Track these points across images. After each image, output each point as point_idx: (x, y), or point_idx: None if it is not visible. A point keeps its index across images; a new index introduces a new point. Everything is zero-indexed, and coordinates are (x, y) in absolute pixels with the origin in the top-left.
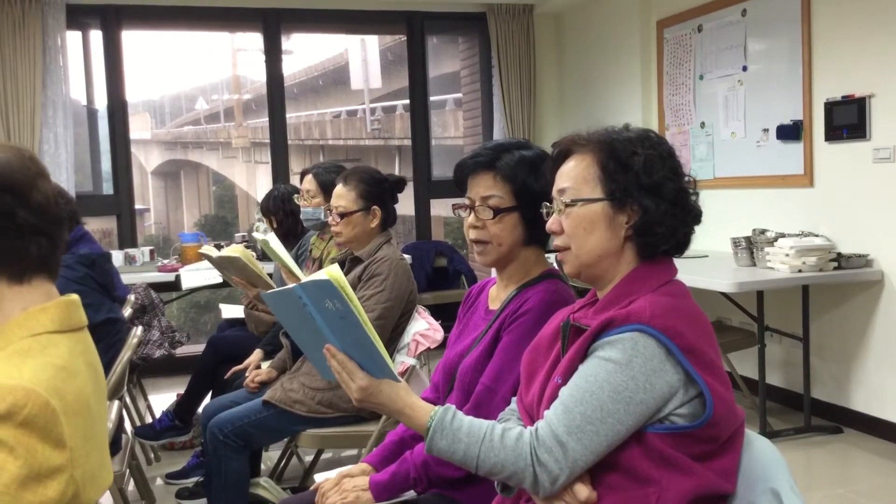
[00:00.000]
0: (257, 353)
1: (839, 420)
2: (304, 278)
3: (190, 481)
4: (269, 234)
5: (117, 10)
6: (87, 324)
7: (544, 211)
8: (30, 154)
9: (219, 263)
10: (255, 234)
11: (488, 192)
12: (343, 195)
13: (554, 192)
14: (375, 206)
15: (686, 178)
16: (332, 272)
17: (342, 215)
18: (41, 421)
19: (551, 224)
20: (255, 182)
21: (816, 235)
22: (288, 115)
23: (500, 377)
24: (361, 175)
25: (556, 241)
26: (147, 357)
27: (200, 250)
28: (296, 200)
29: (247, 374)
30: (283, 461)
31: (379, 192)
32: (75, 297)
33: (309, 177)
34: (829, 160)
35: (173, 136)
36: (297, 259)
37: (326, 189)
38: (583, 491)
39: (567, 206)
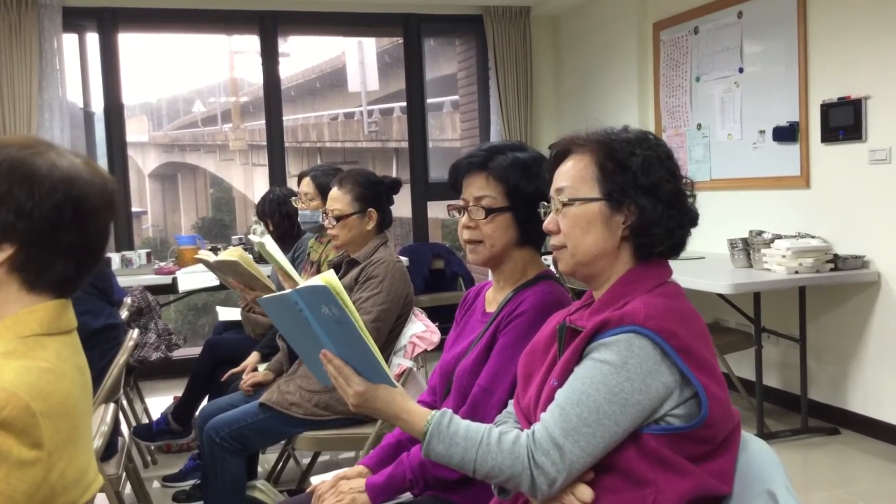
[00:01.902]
0: (254, 356)
1: (836, 421)
2: (301, 282)
3: (187, 484)
4: (266, 237)
5: (114, 13)
6: (86, 329)
7: (542, 210)
8: (113, 187)
9: (216, 268)
10: (251, 237)
11: (481, 192)
12: (338, 198)
13: (552, 192)
14: (371, 209)
15: (683, 181)
16: (329, 278)
17: (338, 218)
18: (20, 424)
19: (548, 223)
20: (253, 185)
21: (813, 237)
22: (285, 118)
23: (496, 379)
24: (356, 178)
25: (553, 241)
26: (143, 360)
27: (197, 255)
28: (294, 203)
29: (244, 377)
30: (280, 464)
31: (374, 194)
32: (65, 299)
33: (307, 180)
34: (826, 162)
35: (170, 139)
36: (293, 262)
37: (324, 192)
38: (585, 492)
39: (564, 205)
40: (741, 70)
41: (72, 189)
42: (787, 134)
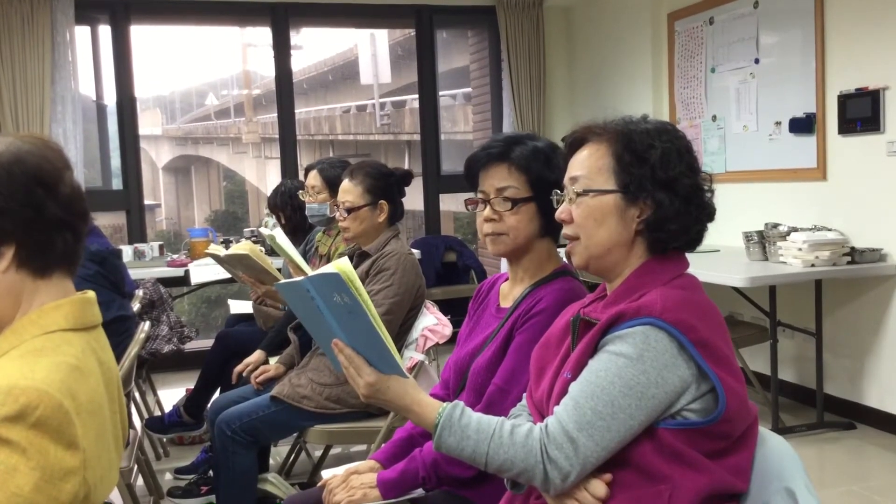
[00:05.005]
0: (259, 355)
1: (852, 416)
2: (313, 272)
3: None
4: (276, 230)
5: (126, 5)
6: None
7: (554, 199)
8: (57, 146)
9: (226, 261)
10: (262, 230)
11: (503, 183)
12: (350, 190)
13: (566, 180)
14: (383, 201)
15: (702, 175)
16: (342, 265)
17: (349, 210)
18: (54, 423)
19: (561, 212)
20: (266, 177)
21: (829, 229)
22: (298, 111)
23: (512, 378)
24: (368, 169)
25: (565, 230)
26: (156, 352)
27: (207, 250)
28: (301, 197)
29: (245, 374)
30: (292, 457)
31: (386, 185)
32: (91, 294)
33: (314, 172)
34: (843, 153)
35: (184, 132)
36: (305, 255)
37: (331, 185)
38: (599, 488)
39: (578, 195)
40: (757, 61)
41: (25, 166)
42: (803, 125)
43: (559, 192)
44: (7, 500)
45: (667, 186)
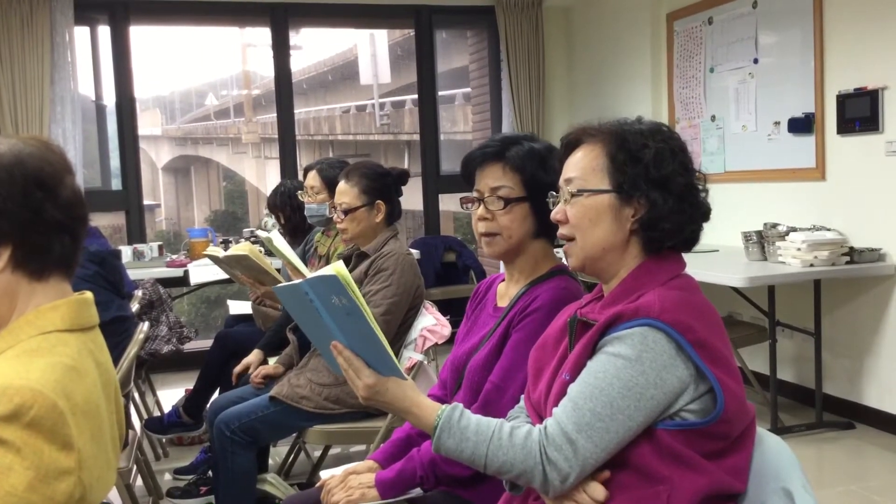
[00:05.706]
0: (257, 355)
1: (851, 416)
2: (311, 274)
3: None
4: (273, 233)
5: (125, 5)
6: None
7: (550, 200)
8: (59, 149)
9: (226, 262)
10: (258, 233)
11: (497, 182)
12: (346, 191)
13: (561, 181)
14: (379, 201)
15: (696, 174)
16: (338, 268)
17: (346, 212)
18: (48, 423)
19: (556, 213)
20: (266, 178)
21: (828, 229)
22: (297, 111)
23: (508, 376)
24: (363, 170)
25: (561, 231)
26: (155, 353)
27: (206, 251)
28: (300, 197)
29: (250, 373)
30: (291, 457)
31: (382, 186)
32: (88, 295)
33: (312, 173)
34: (842, 153)
35: (183, 132)
36: (304, 255)
37: (330, 185)
38: (598, 490)
39: (573, 195)
40: (756, 61)
41: (25, 168)
42: (802, 125)
43: (554, 193)
44: (1, 499)
45: (660, 185)
